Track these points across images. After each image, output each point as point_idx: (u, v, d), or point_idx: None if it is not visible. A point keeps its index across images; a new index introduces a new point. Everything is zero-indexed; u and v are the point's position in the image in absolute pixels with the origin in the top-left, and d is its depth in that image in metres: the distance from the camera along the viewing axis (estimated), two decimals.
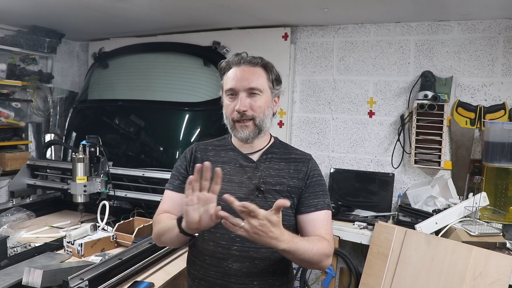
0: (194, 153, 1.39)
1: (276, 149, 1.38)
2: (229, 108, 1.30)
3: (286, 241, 1.09)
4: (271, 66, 1.33)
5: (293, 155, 1.37)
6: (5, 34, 3.14)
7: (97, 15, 2.80)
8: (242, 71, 1.28)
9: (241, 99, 1.26)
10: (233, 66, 1.31)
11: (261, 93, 1.28)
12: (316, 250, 1.17)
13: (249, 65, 1.30)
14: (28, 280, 1.40)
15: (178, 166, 1.40)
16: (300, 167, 1.33)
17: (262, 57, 1.33)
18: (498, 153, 2.36)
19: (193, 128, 2.84)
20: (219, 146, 1.40)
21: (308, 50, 3.07)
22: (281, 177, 1.31)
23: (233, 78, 1.28)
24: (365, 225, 2.41)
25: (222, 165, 1.30)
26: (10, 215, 2.11)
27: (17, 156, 3.04)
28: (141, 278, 1.63)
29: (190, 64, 3.11)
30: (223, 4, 2.49)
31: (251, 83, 1.27)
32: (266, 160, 1.34)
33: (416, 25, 2.75)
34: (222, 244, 1.26)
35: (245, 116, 1.27)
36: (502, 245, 2.05)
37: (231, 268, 1.25)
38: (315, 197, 1.30)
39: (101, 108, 3.15)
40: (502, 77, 2.57)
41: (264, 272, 1.27)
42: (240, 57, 1.31)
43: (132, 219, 2.15)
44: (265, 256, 1.26)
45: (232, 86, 1.28)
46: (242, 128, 1.29)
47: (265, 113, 1.30)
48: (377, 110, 2.90)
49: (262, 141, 1.36)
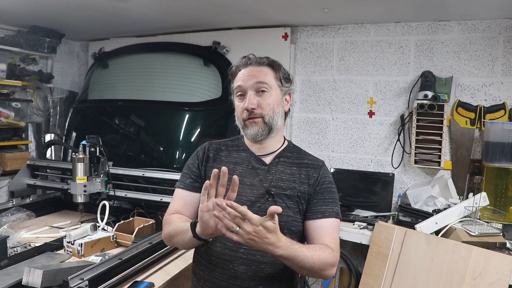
0: (207, 152, 1.38)
1: (289, 153, 1.36)
2: (239, 108, 1.31)
3: (284, 247, 1.07)
4: (278, 64, 1.35)
5: (306, 161, 1.35)
6: (5, 34, 3.13)
7: (97, 15, 2.80)
8: (249, 71, 1.30)
9: (249, 97, 1.27)
10: (242, 68, 1.32)
11: (269, 90, 1.29)
12: (317, 258, 1.14)
13: (256, 65, 1.31)
14: (28, 280, 1.40)
15: (190, 165, 1.38)
16: (311, 173, 1.32)
17: (269, 57, 1.34)
18: (498, 153, 2.36)
19: (193, 128, 2.84)
20: (232, 147, 1.39)
21: (308, 50, 3.07)
22: (292, 181, 1.30)
23: (241, 77, 1.30)
24: (365, 225, 2.41)
25: (234, 165, 1.31)
26: (10, 215, 2.11)
27: (17, 156, 3.04)
28: (141, 278, 1.63)
29: (190, 64, 3.11)
30: (223, 4, 2.49)
31: (257, 78, 1.28)
32: (278, 164, 1.32)
33: (416, 25, 2.75)
34: (229, 246, 1.25)
35: (254, 114, 1.27)
36: (502, 245, 2.05)
37: (237, 270, 1.24)
38: (324, 204, 1.28)
39: (101, 108, 3.15)
40: (502, 77, 2.57)
41: (270, 277, 1.26)
42: (247, 58, 1.33)
43: (132, 219, 2.15)
44: (271, 261, 1.24)
45: (240, 84, 1.29)
46: (251, 125, 1.28)
47: (275, 111, 1.29)
48: (377, 110, 2.90)
49: (274, 142, 1.35)
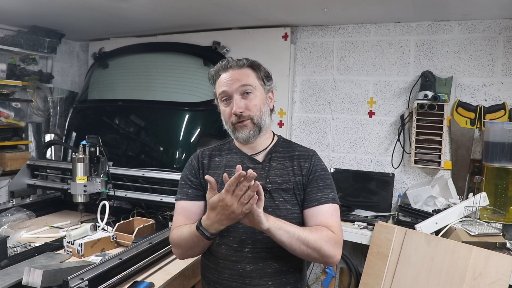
0: (201, 159, 1.40)
1: (280, 147, 1.38)
2: (226, 113, 1.31)
3: (270, 220, 1.13)
4: (257, 64, 1.35)
5: (297, 152, 1.37)
6: (5, 34, 3.14)
7: (97, 15, 2.80)
8: (231, 75, 1.30)
9: (235, 101, 1.28)
10: (222, 72, 1.33)
11: (253, 91, 1.30)
12: (309, 233, 1.17)
13: (237, 67, 1.31)
14: (28, 280, 1.40)
15: (188, 175, 1.39)
16: (303, 163, 1.34)
17: (248, 58, 1.35)
18: (498, 153, 2.36)
19: (193, 128, 2.84)
20: (224, 150, 1.41)
21: (308, 50, 3.07)
22: (286, 175, 1.31)
23: (224, 82, 1.30)
24: (365, 225, 2.41)
25: (229, 169, 1.32)
26: (10, 215, 2.11)
27: (17, 156, 3.04)
28: (141, 278, 1.62)
29: (190, 64, 3.11)
30: (223, 4, 2.49)
31: (241, 81, 1.29)
32: (271, 160, 1.34)
33: (416, 25, 2.75)
34: (234, 247, 1.28)
35: (242, 117, 1.28)
36: (502, 245, 2.05)
37: (245, 270, 1.26)
38: (318, 191, 1.30)
39: (101, 108, 3.15)
40: (502, 77, 2.57)
41: (277, 271, 1.28)
42: (226, 61, 1.33)
43: (132, 219, 2.15)
44: (277, 256, 1.26)
45: (224, 89, 1.30)
46: (241, 129, 1.30)
47: (262, 111, 1.31)
48: (377, 110, 2.90)
49: (264, 140, 1.36)
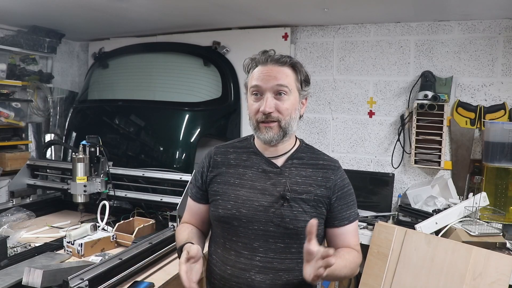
0: (214, 156, 1.32)
1: (302, 153, 1.29)
2: (254, 109, 1.21)
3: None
4: (300, 65, 1.24)
5: (321, 161, 1.28)
6: (5, 34, 3.13)
7: (97, 15, 2.80)
8: (269, 70, 1.19)
9: (266, 100, 1.17)
10: (259, 64, 1.22)
11: (288, 93, 1.19)
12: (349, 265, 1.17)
13: (277, 64, 1.20)
14: (28, 280, 1.40)
15: (197, 173, 1.37)
16: (328, 174, 1.25)
17: (291, 56, 1.24)
18: (498, 153, 2.36)
19: (193, 128, 2.84)
20: (241, 148, 1.32)
21: (308, 50, 3.07)
22: (308, 185, 1.22)
23: (259, 76, 1.19)
24: (365, 225, 2.41)
25: (243, 169, 1.26)
26: (10, 215, 2.11)
27: (17, 156, 3.03)
28: (141, 278, 1.63)
29: (190, 64, 3.11)
30: (223, 4, 2.49)
31: (279, 80, 1.18)
32: (292, 166, 1.25)
33: (416, 25, 2.75)
34: (245, 254, 1.20)
35: (270, 117, 1.18)
36: (502, 245, 2.05)
37: (254, 279, 1.19)
38: (347, 209, 1.25)
39: (101, 108, 3.15)
40: (502, 77, 2.57)
41: (288, 284, 1.20)
42: (267, 55, 1.22)
43: (132, 219, 2.15)
44: (289, 267, 1.20)
45: (258, 84, 1.19)
46: (266, 129, 1.20)
47: (292, 116, 1.21)
48: (377, 110, 2.90)
49: (287, 145, 1.27)
